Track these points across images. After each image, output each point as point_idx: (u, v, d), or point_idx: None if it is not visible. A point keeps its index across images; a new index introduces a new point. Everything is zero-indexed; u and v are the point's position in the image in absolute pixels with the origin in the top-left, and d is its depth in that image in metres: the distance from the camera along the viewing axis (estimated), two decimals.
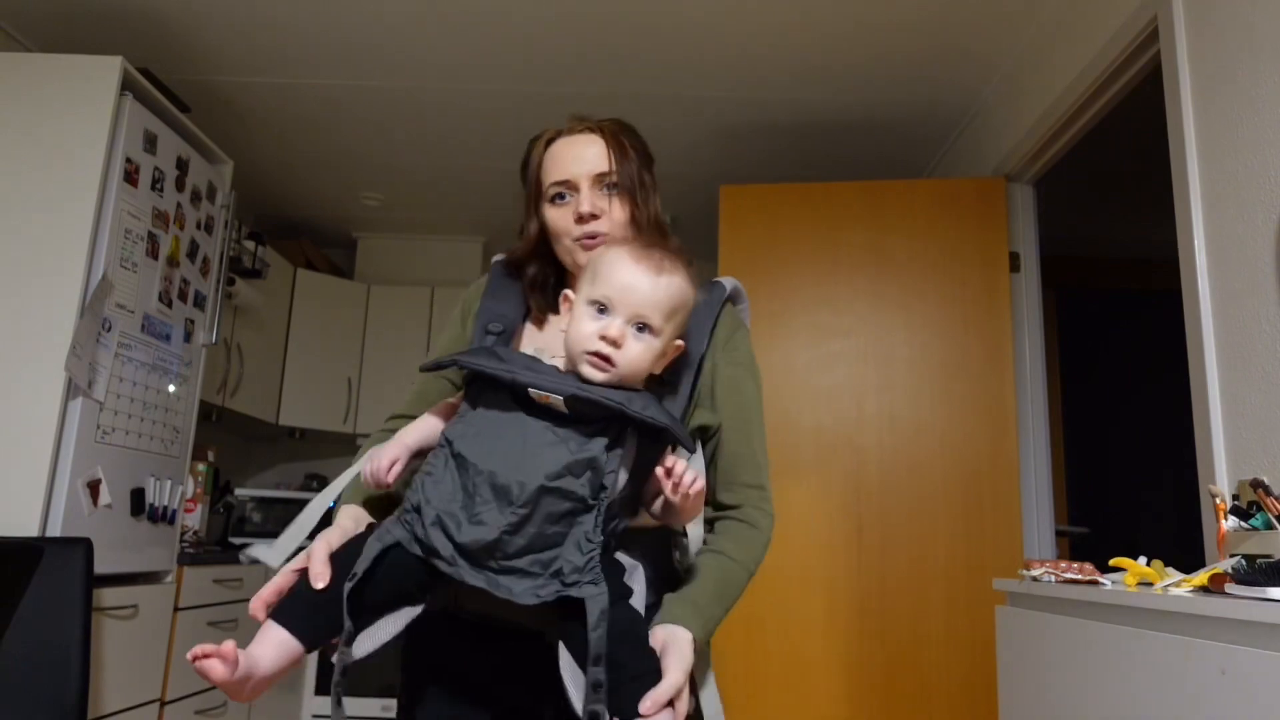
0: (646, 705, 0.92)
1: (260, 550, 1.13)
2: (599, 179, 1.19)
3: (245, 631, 3.21)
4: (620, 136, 1.22)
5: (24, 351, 2.23)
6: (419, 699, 1.21)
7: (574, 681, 0.95)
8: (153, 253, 2.54)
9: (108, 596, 2.36)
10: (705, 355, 1.19)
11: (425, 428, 1.07)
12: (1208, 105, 1.83)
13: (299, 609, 0.97)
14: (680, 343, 1.09)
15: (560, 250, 1.22)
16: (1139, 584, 1.34)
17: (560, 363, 1.04)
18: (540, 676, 1.02)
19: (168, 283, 2.62)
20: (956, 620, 2.66)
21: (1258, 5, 1.68)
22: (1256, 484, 1.36)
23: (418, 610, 1.01)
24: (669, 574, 1.14)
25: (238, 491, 4.02)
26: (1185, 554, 1.68)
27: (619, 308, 1.01)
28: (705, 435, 1.20)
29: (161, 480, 2.63)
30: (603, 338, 1.00)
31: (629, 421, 0.97)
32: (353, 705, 3.82)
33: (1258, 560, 1.17)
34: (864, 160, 3.51)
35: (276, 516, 4.07)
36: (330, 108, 3.27)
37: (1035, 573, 1.52)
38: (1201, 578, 1.23)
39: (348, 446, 4.64)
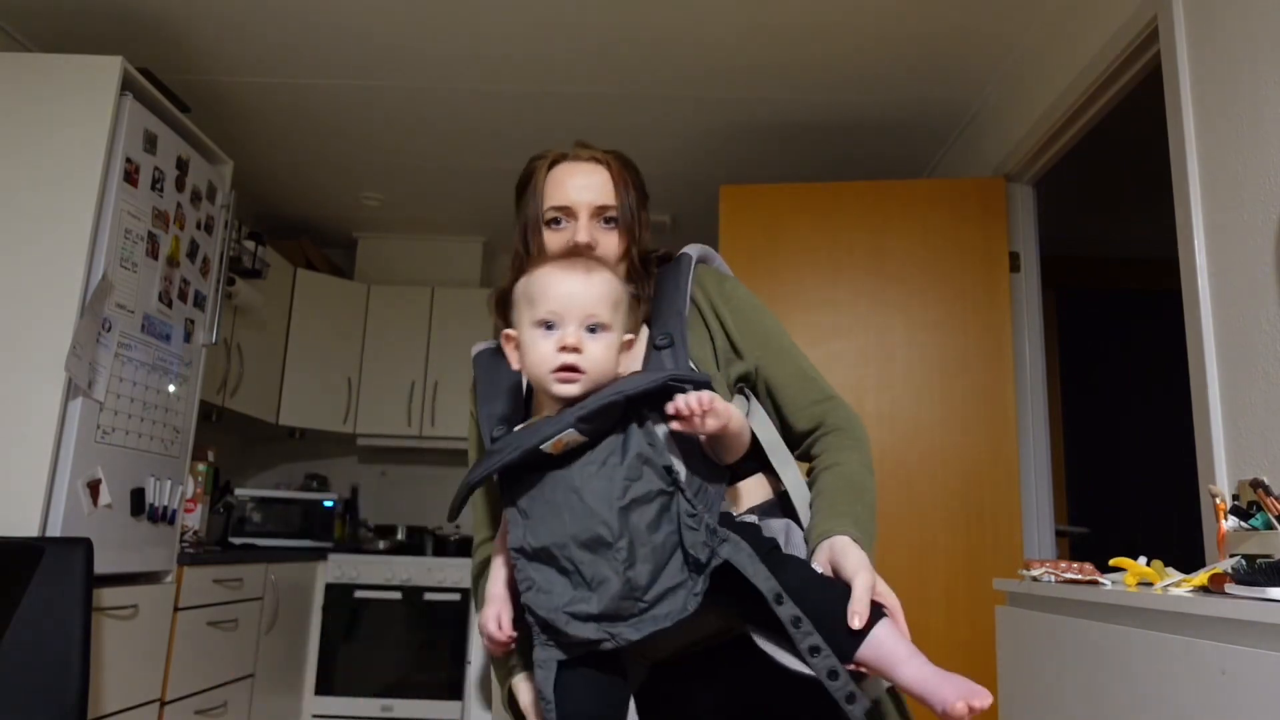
0: (855, 620, 0.90)
1: None
2: (599, 210, 1.19)
3: (245, 631, 3.22)
4: (624, 171, 1.23)
5: (24, 351, 2.23)
6: None
7: (774, 646, 0.93)
8: (153, 253, 2.54)
9: (108, 596, 2.36)
10: (701, 318, 1.21)
11: (503, 569, 1.06)
12: (1208, 105, 1.83)
13: None
14: (631, 336, 1.08)
15: None
16: (1139, 584, 1.34)
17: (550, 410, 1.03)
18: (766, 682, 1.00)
19: (168, 283, 2.62)
20: (956, 620, 2.66)
21: (1258, 6, 1.68)
22: (1256, 484, 1.36)
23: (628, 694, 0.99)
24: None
25: (238, 491, 4.02)
26: (1185, 554, 1.68)
27: (567, 316, 1.01)
28: (750, 383, 1.21)
29: (161, 480, 2.63)
30: (563, 349, 1.00)
31: (636, 402, 0.97)
32: (352, 705, 3.83)
33: (1258, 560, 1.17)
34: (864, 160, 3.51)
35: (276, 516, 4.07)
36: (330, 108, 3.27)
37: (1035, 573, 1.52)
38: (1201, 578, 1.23)
39: (348, 446, 4.64)
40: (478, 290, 4.52)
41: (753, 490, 1.17)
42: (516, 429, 1.06)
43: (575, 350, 0.99)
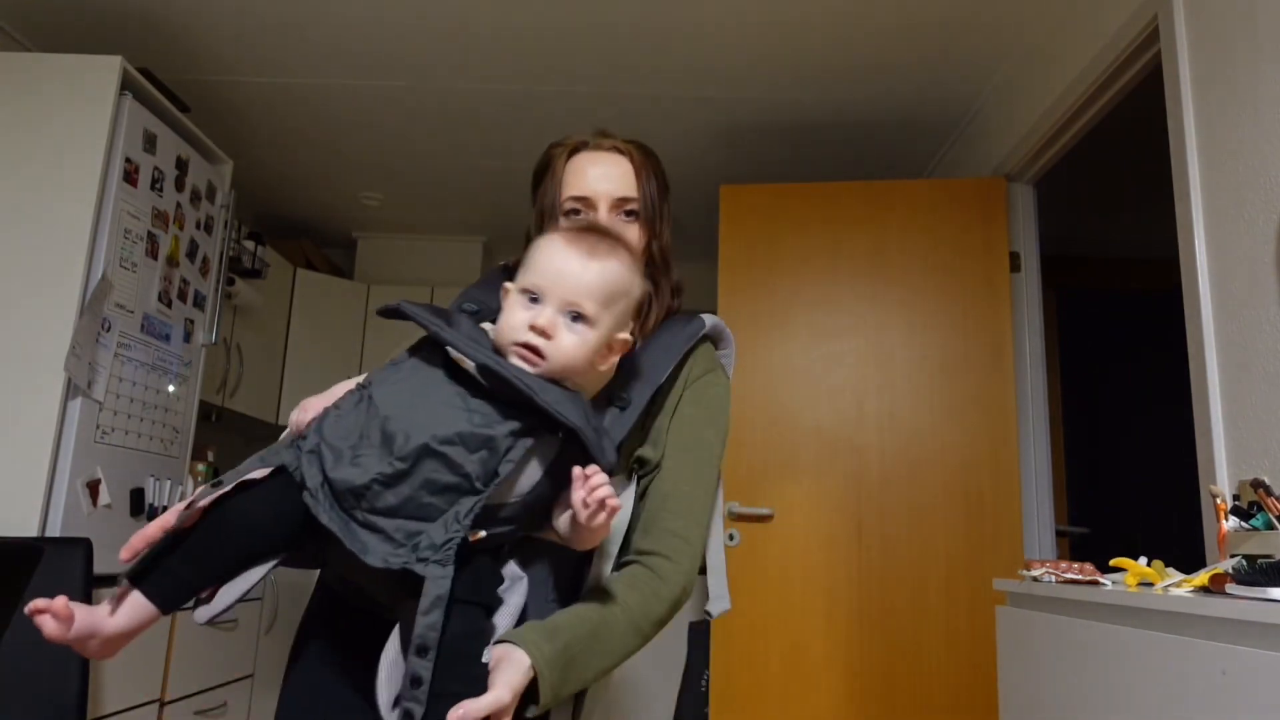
0: (457, 714, 0.81)
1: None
2: (619, 203, 1.15)
3: (244, 631, 3.21)
4: (646, 161, 1.19)
5: (24, 351, 2.23)
6: (296, 659, 1.14)
7: (390, 671, 0.88)
8: (152, 253, 2.54)
9: (108, 596, 2.36)
10: (669, 388, 1.12)
11: (350, 386, 1.00)
12: (1208, 105, 1.83)
13: (157, 569, 0.94)
14: (626, 336, 1.00)
15: None
16: (1139, 584, 1.34)
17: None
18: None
19: (167, 283, 2.62)
20: (956, 620, 2.66)
21: (1258, 5, 1.68)
22: (1257, 484, 1.36)
23: (272, 564, 0.96)
24: (571, 600, 1.02)
25: None
26: (1186, 554, 1.68)
27: (549, 295, 0.95)
28: (643, 470, 1.10)
29: (161, 480, 2.63)
30: (532, 328, 0.93)
31: (543, 414, 0.90)
32: None
33: (1258, 560, 1.17)
34: (864, 160, 3.51)
35: None
36: (330, 108, 3.27)
37: (1035, 573, 1.52)
38: (1202, 578, 1.23)
39: None
40: None
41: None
42: (483, 326, 1.01)
43: (543, 334, 0.93)
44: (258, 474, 0.90)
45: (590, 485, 0.87)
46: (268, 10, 2.66)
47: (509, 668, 0.88)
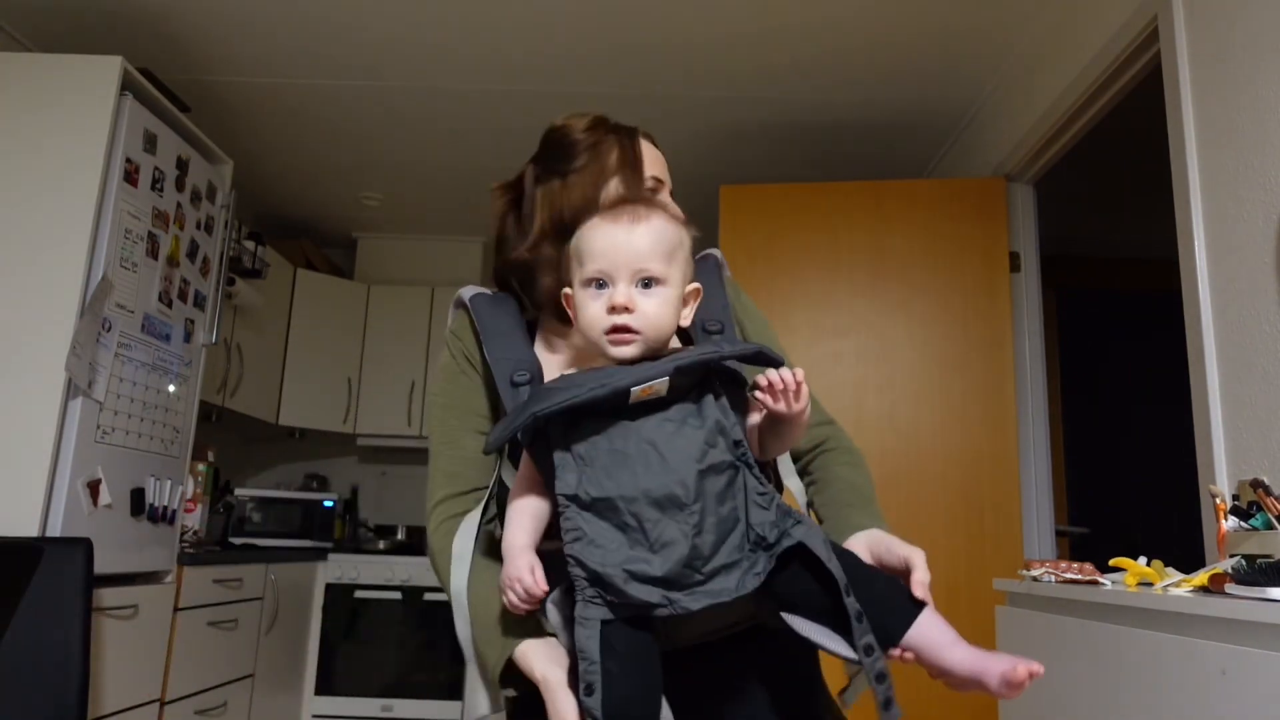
0: (919, 590, 0.95)
1: (479, 710, 1.03)
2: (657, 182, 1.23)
3: (245, 631, 3.22)
4: (658, 152, 1.27)
5: (24, 351, 2.23)
6: None
7: (825, 635, 0.89)
8: (153, 253, 2.54)
9: (108, 596, 2.36)
10: (727, 306, 1.19)
11: (526, 520, 0.95)
12: (1208, 105, 1.83)
13: None
14: (696, 285, 1.02)
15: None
16: (1139, 584, 1.34)
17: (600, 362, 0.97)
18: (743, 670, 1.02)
19: (168, 283, 2.62)
20: (956, 620, 2.63)
21: (1258, 6, 1.68)
22: (1256, 484, 1.36)
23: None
24: None
25: (238, 491, 4.02)
26: (1185, 554, 1.68)
27: (615, 273, 0.94)
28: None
29: (161, 480, 2.63)
30: (613, 309, 0.92)
31: (719, 370, 0.93)
32: (352, 705, 3.83)
33: (1258, 560, 1.17)
34: (864, 160, 3.51)
35: (276, 516, 4.07)
36: (330, 108, 3.27)
37: (1035, 573, 1.52)
38: (1201, 578, 1.23)
39: (348, 446, 4.64)
40: None
41: None
42: (568, 373, 0.97)
43: (626, 310, 0.92)
44: (594, 662, 0.87)
45: (776, 381, 0.92)
46: (268, 11, 2.67)
47: (893, 540, 1.06)
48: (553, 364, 1.12)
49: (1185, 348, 1.86)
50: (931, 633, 0.92)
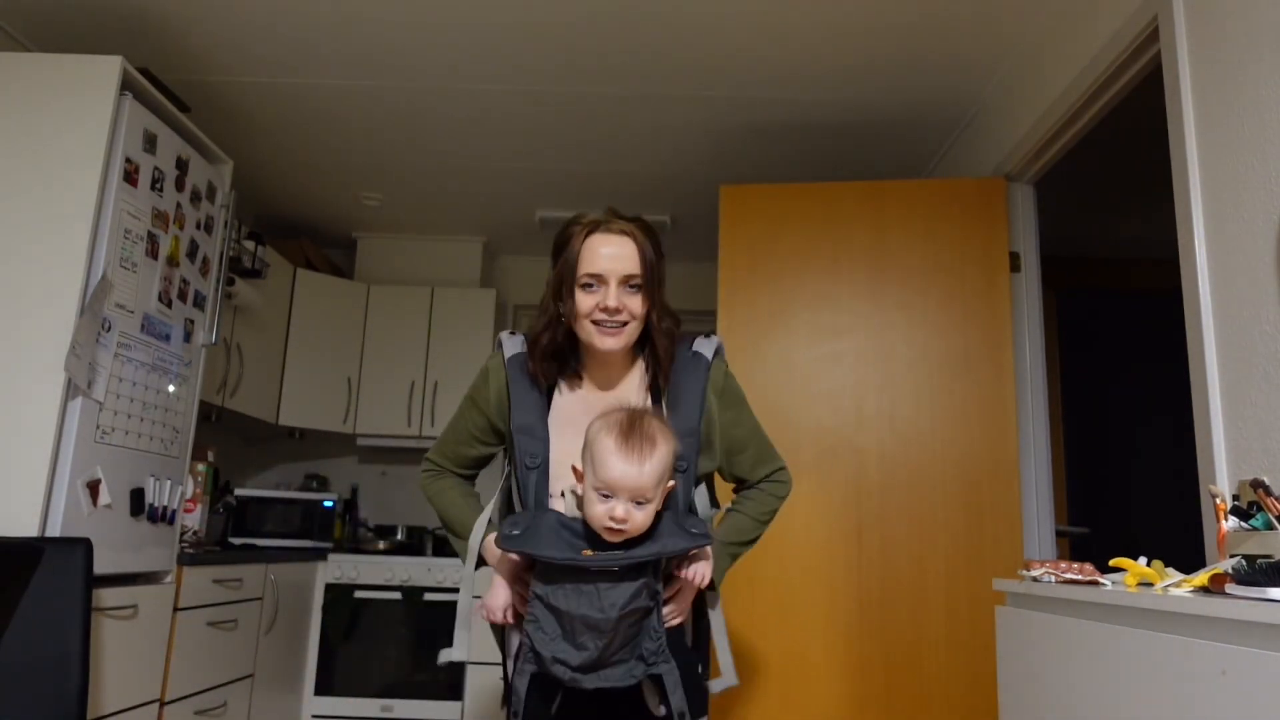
0: (689, 571, 1.45)
1: (453, 653, 1.57)
2: (626, 279, 1.48)
3: (244, 631, 3.22)
4: (647, 240, 1.50)
5: (24, 351, 2.23)
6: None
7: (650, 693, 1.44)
8: (152, 253, 2.54)
9: (107, 596, 2.36)
10: (701, 417, 1.56)
11: (511, 569, 1.48)
12: (1208, 105, 1.83)
13: None
14: (671, 483, 1.43)
15: (578, 327, 1.51)
16: (1139, 584, 1.34)
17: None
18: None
19: (167, 283, 2.62)
20: (956, 620, 2.66)
21: (1258, 6, 1.68)
22: (1257, 484, 1.36)
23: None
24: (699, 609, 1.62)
25: (237, 491, 4.02)
26: (1185, 554, 1.68)
27: (618, 493, 1.35)
28: (709, 475, 1.64)
29: (161, 480, 2.63)
30: (612, 519, 1.35)
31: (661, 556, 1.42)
32: (352, 705, 3.83)
33: (1258, 560, 1.17)
34: (864, 160, 3.51)
35: (276, 517, 4.07)
36: (330, 108, 3.27)
37: (1035, 573, 1.52)
38: (1202, 578, 1.23)
39: (348, 446, 4.64)
40: (478, 290, 4.52)
41: None
42: (566, 498, 1.47)
43: (623, 521, 1.35)
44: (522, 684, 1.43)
45: (694, 577, 1.47)
46: (267, 10, 2.67)
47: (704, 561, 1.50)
48: (559, 419, 1.56)
49: (1185, 348, 1.86)
50: None
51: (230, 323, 3.64)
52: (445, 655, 1.54)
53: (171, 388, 2.67)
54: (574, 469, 1.43)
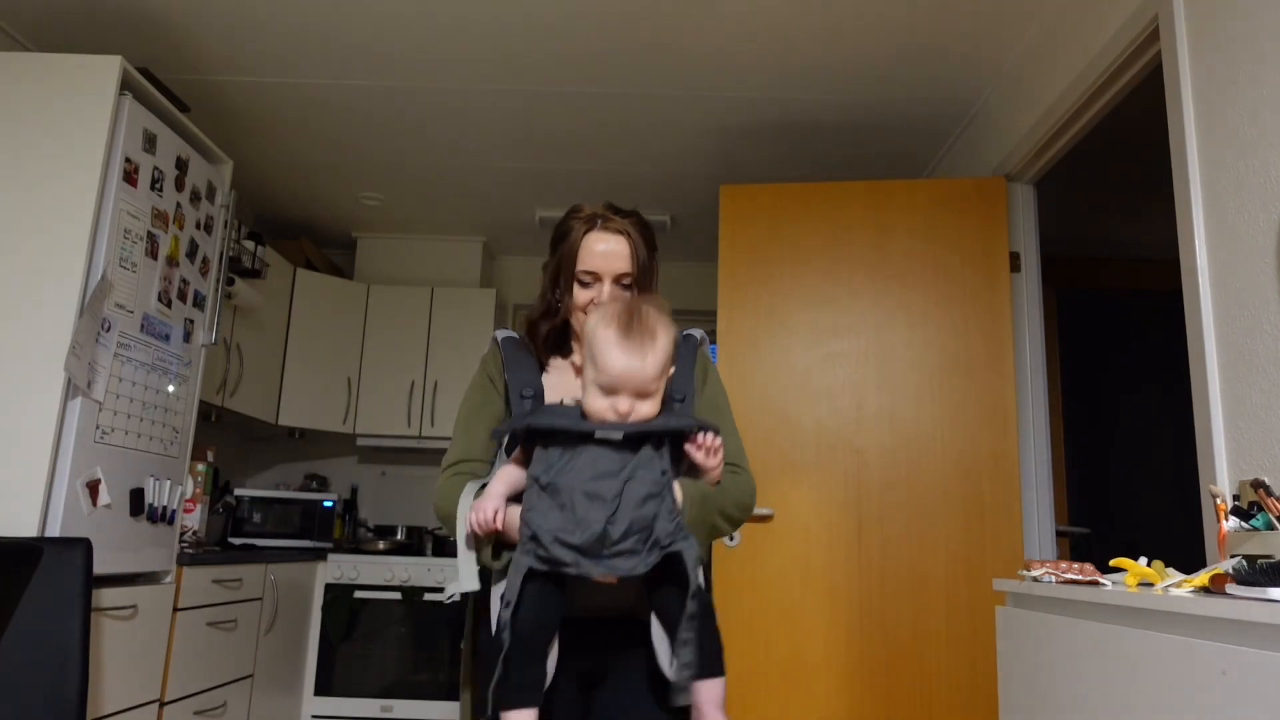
0: (705, 439, 1.33)
1: (460, 586, 1.47)
2: (620, 276, 1.52)
3: (244, 631, 3.22)
4: (642, 238, 1.54)
5: (24, 351, 2.23)
6: None
7: (662, 644, 1.28)
8: (152, 253, 2.54)
9: (107, 596, 2.36)
10: (693, 382, 1.56)
11: (508, 478, 1.36)
12: (1208, 105, 1.83)
13: (508, 694, 1.25)
14: (671, 370, 1.38)
15: (575, 319, 1.56)
16: (1139, 584, 1.34)
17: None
18: (617, 650, 1.40)
19: (167, 283, 2.62)
20: (957, 620, 2.66)
21: (1258, 6, 1.68)
22: (1257, 484, 1.36)
23: (555, 651, 1.30)
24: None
25: (237, 491, 4.02)
26: (1186, 554, 1.68)
27: (622, 390, 1.29)
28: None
29: (161, 480, 2.63)
30: (616, 414, 1.29)
31: (666, 431, 1.31)
32: (352, 705, 3.83)
33: (1258, 561, 1.17)
34: (864, 160, 3.51)
35: (276, 517, 4.07)
36: (330, 108, 3.27)
37: (1035, 573, 1.52)
38: (1202, 578, 1.23)
39: (347, 446, 4.64)
40: (478, 290, 4.52)
41: None
42: (566, 403, 1.37)
43: (627, 415, 1.29)
44: (516, 584, 1.26)
45: (707, 443, 1.34)
46: (268, 10, 2.67)
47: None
48: (553, 383, 1.55)
49: (1185, 348, 1.86)
50: (714, 691, 1.27)
51: (230, 323, 3.64)
52: (452, 588, 1.47)
53: (171, 388, 2.67)
54: (574, 365, 1.46)
